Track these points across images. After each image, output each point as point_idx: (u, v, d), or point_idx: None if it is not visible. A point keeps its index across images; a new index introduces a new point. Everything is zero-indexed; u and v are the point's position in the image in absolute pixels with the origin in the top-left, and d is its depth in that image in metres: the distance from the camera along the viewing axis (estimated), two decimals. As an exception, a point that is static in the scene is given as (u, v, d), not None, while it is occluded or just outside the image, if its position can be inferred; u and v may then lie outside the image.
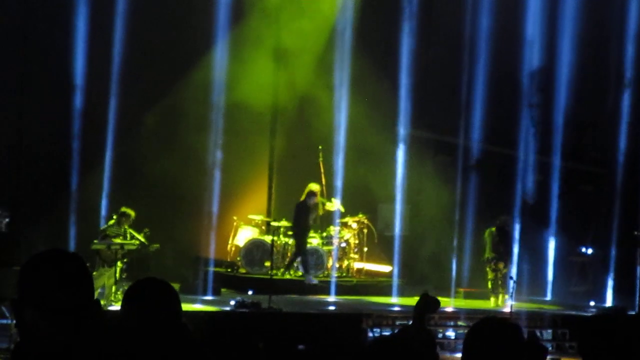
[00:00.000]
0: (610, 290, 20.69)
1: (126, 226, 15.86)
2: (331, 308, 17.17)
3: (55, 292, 3.03)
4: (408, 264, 20.17)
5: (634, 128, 21.43)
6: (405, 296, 18.45)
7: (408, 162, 20.95)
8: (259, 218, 20.06)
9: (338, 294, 18.52)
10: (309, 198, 18.63)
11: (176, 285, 12.41)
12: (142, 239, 15.84)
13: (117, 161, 19.24)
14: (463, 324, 16.22)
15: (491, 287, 18.57)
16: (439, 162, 21.29)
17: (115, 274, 15.33)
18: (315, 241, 19.18)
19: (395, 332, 14.02)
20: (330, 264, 19.29)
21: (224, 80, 19.93)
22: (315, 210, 18.87)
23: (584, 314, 17.74)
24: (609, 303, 20.13)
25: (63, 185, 18.70)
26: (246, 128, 20.32)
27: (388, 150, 20.97)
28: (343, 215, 19.65)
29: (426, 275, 19.61)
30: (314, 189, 18.71)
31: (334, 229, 19.43)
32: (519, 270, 19.45)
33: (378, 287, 19.49)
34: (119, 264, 15.46)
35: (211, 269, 18.43)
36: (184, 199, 19.70)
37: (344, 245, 19.71)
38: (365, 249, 19.93)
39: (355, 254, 19.90)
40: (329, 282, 18.75)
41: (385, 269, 20.26)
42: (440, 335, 15.81)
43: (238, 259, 19.40)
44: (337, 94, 20.54)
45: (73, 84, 18.75)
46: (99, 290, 15.00)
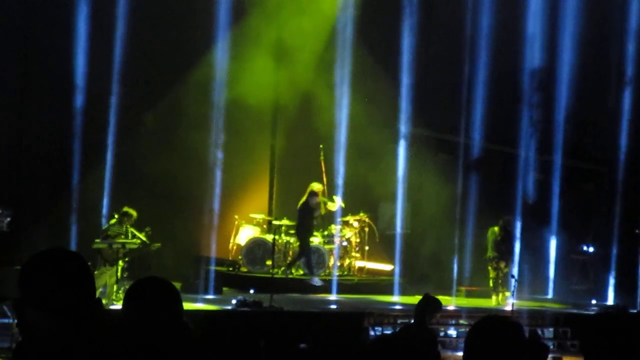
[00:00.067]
0: (611, 288, 20.69)
1: (128, 225, 15.87)
2: (332, 307, 17.16)
3: (56, 292, 3.03)
4: (409, 262, 20.17)
5: (635, 126, 21.42)
6: (406, 295, 18.44)
7: (409, 161, 20.95)
8: (260, 217, 20.07)
9: (339, 292, 18.53)
10: (311, 198, 18.59)
11: (177, 284, 12.40)
12: (144, 238, 15.84)
13: (118, 160, 19.23)
14: (464, 323, 16.19)
15: (492, 286, 18.59)
16: (440, 161, 21.27)
17: (116, 273, 15.32)
18: (316, 240, 19.17)
19: (397, 331, 14.01)
20: (331, 262, 19.29)
21: (225, 79, 19.93)
22: (317, 210, 18.86)
23: (585, 313, 17.73)
24: (610, 301, 20.12)
25: (64, 185, 18.69)
26: (247, 127, 20.31)
27: (389, 149, 20.97)
28: (344, 214, 19.65)
29: (427, 273, 19.60)
30: (316, 190, 18.68)
31: (335, 228, 19.44)
32: (520, 269, 19.45)
33: (379, 286, 19.48)
34: (121, 263, 15.46)
35: (212, 268, 18.41)
36: (185, 198, 19.69)
37: (345, 244, 19.70)
38: (367, 248, 19.93)
39: (357, 252, 19.91)
40: (330, 281, 18.76)
41: (386, 267, 20.26)
42: (441, 334, 15.78)
43: (239, 257, 19.40)
44: (338, 93, 20.54)
45: (74, 83, 18.74)
46: (101, 290, 15.01)
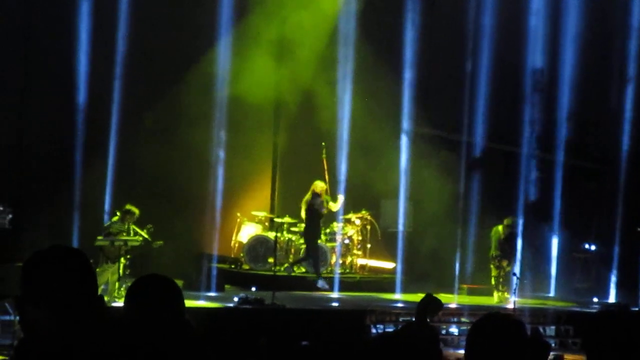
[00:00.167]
0: (613, 286, 20.68)
1: (130, 223, 15.87)
2: (334, 304, 17.15)
3: (58, 289, 3.03)
4: (411, 260, 20.16)
5: (637, 124, 21.39)
6: (408, 293, 18.43)
7: (411, 159, 20.93)
8: (262, 214, 20.07)
9: (341, 290, 18.52)
10: (315, 200, 18.52)
11: (179, 282, 12.40)
12: (146, 236, 15.85)
13: (120, 157, 19.21)
14: (466, 321, 16.19)
15: (494, 284, 18.58)
16: (442, 159, 21.25)
17: (118, 270, 15.32)
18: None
19: (399, 329, 14.01)
20: (333, 260, 19.28)
21: (227, 76, 19.92)
22: (322, 209, 18.75)
23: (587, 311, 17.71)
24: (612, 299, 20.11)
25: (65, 182, 18.67)
26: (249, 124, 20.30)
27: (391, 147, 20.95)
28: (346, 211, 19.64)
29: (429, 271, 19.58)
30: (319, 190, 18.59)
31: (337, 226, 19.43)
32: (522, 267, 19.44)
33: (381, 284, 19.48)
34: (122, 260, 15.46)
35: (214, 266, 18.39)
36: (187, 196, 19.68)
37: (347, 241, 19.70)
38: (369, 246, 19.92)
39: (359, 250, 19.90)
40: (332, 279, 18.76)
41: (388, 265, 20.25)
42: (443, 332, 15.79)
43: (241, 255, 19.40)
44: (340, 90, 20.52)
45: (75, 80, 18.73)
46: (102, 287, 15.03)
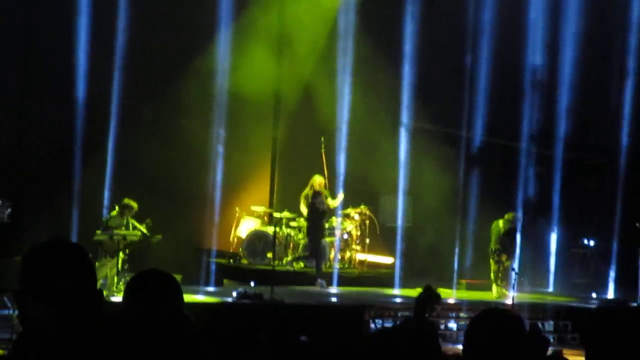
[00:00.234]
0: (612, 282, 20.68)
1: (129, 217, 15.86)
2: (333, 299, 17.15)
3: (57, 283, 3.02)
4: (410, 255, 20.17)
5: (637, 120, 21.39)
6: (407, 288, 18.44)
7: (410, 154, 20.93)
8: (261, 209, 20.07)
9: (340, 285, 18.53)
10: (316, 198, 18.49)
11: (178, 277, 12.37)
12: (145, 230, 15.85)
13: (119, 153, 19.21)
14: (465, 316, 16.22)
15: (493, 278, 18.58)
16: (442, 154, 21.25)
17: (117, 265, 15.33)
18: (317, 232, 19.17)
19: (397, 324, 14.03)
20: (332, 255, 19.28)
21: (226, 71, 19.91)
22: (324, 206, 18.70)
23: (586, 306, 17.73)
24: (610, 295, 20.12)
25: (65, 176, 18.67)
26: (248, 119, 20.30)
27: (391, 142, 20.94)
28: (345, 206, 19.63)
29: (428, 266, 19.59)
30: (317, 186, 18.53)
31: (336, 220, 19.43)
32: (521, 262, 19.45)
33: (380, 279, 19.48)
34: (121, 254, 15.45)
35: (213, 260, 18.41)
36: (187, 190, 19.68)
37: (346, 236, 19.69)
38: (368, 241, 19.92)
39: (358, 245, 19.90)
40: (331, 274, 18.76)
41: (387, 260, 20.26)
42: (442, 327, 15.82)
43: (240, 250, 19.40)
44: (340, 85, 20.51)
45: (75, 76, 18.71)
46: (101, 281, 15.03)
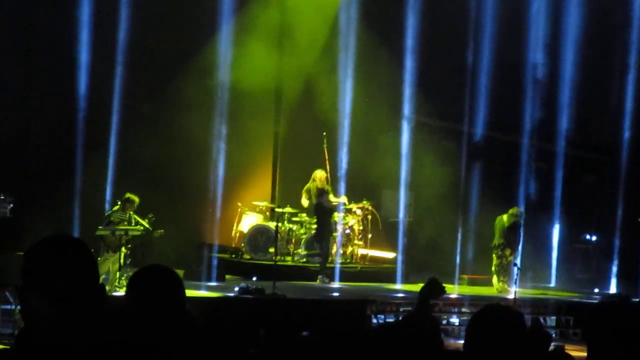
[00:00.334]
0: (614, 277, 20.69)
1: (131, 212, 15.86)
2: (335, 294, 17.16)
3: (59, 278, 3.03)
4: (412, 250, 20.17)
5: (638, 115, 21.38)
6: (409, 283, 18.44)
7: (412, 149, 20.92)
8: (263, 204, 20.06)
9: (342, 280, 18.54)
10: (321, 197, 18.45)
11: (180, 272, 12.37)
12: (147, 225, 15.84)
13: (121, 147, 19.21)
14: (467, 311, 16.22)
15: (495, 272, 18.57)
16: (444, 149, 21.25)
17: (119, 260, 15.32)
18: (319, 228, 19.16)
19: (399, 319, 14.03)
20: (334, 250, 19.28)
21: (227, 65, 19.90)
22: (330, 204, 18.67)
23: (588, 301, 17.73)
24: (612, 290, 20.13)
25: (67, 171, 18.68)
26: (250, 114, 20.27)
27: (392, 136, 20.92)
28: (347, 201, 19.62)
29: (430, 261, 19.58)
30: (318, 180, 18.48)
31: (338, 216, 19.42)
32: (523, 257, 19.44)
33: (382, 274, 19.48)
34: (123, 249, 15.45)
35: (215, 255, 18.41)
36: (189, 185, 19.67)
37: (348, 231, 19.68)
38: (370, 236, 19.92)
39: (360, 240, 19.89)
40: (333, 269, 18.76)
41: (389, 255, 20.26)
42: (444, 322, 15.83)
43: (242, 245, 19.41)
44: (342, 80, 20.50)
45: (75, 71, 18.71)
46: (104, 276, 15.02)
